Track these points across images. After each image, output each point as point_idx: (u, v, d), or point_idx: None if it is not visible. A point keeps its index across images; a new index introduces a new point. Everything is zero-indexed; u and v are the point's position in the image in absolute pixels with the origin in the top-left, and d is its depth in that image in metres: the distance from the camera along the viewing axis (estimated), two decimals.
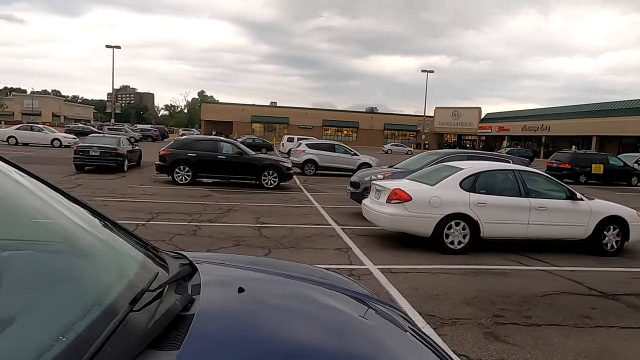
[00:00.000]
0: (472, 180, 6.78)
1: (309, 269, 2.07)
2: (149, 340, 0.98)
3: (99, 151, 15.75)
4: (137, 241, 1.65)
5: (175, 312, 1.13)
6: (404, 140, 73.78)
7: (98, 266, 1.40)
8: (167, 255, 1.78)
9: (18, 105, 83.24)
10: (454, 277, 5.44)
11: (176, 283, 1.42)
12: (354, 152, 20.21)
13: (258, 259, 2.19)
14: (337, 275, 2.10)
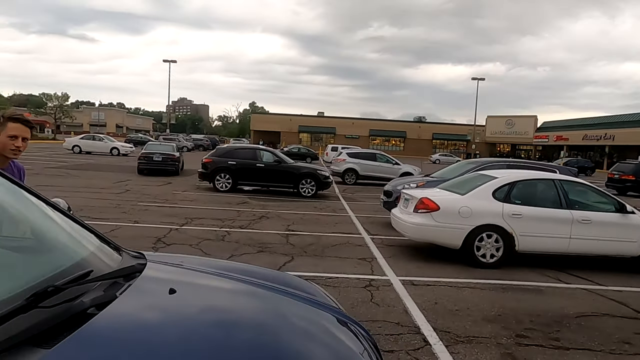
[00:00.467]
0: (507, 190, 6.39)
1: (277, 276, 2.00)
2: (28, 335, 0.96)
3: (161, 157, 18.04)
4: (94, 241, 1.66)
5: (75, 311, 1.10)
6: (453, 150, 71.64)
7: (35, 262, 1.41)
8: (127, 254, 1.78)
9: (87, 117, 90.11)
10: (479, 292, 5.11)
11: (111, 282, 1.40)
12: (396, 161, 19.85)
13: (226, 264, 2.14)
14: (308, 285, 2.01)
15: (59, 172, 17.79)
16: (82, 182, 14.52)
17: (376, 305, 4.50)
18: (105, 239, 1.78)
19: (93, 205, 9.92)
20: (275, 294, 1.59)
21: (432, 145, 73.57)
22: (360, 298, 4.68)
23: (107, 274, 1.40)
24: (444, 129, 76.92)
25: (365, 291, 4.93)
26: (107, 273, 1.42)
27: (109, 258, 1.58)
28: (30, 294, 1.08)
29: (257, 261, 5.96)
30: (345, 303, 4.45)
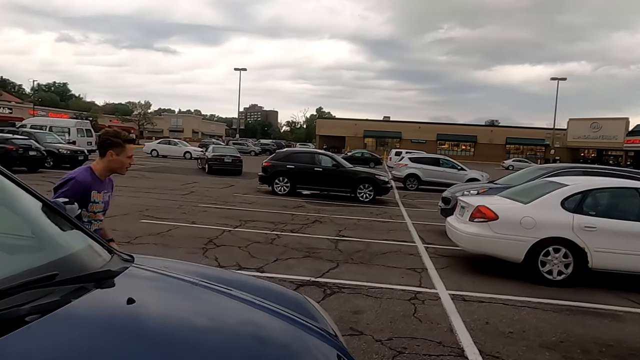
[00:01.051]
0: (579, 199, 5.68)
1: (260, 287, 1.83)
2: None
3: (231, 159, 20.87)
4: (79, 243, 1.61)
5: (9, 317, 1.02)
6: (530, 155, 66.96)
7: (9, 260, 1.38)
8: (119, 257, 1.72)
9: (166, 123, 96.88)
10: (541, 314, 4.55)
11: (77, 287, 1.32)
12: (461, 166, 18.88)
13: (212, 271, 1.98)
14: (297, 299, 1.81)
15: (136, 174, 19.15)
16: (154, 184, 15.48)
17: (418, 320, 4.17)
18: (98, 241, 1.73)
19: (158, 206, 10.47)
20: (248, 307, 1.43)
21: (506, 150, 69.39)
22: (402, 311, 4.37)
23: (72, 279, 1.32)
24: (519, 133, 72.12)
25: (409, 304, 4.60)
26: (75, 277, 1.35)
27: (89, 261, 1.52)
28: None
29: (301, 266, 5.86)
30: (384, 316, 4.18)
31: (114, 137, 2.70)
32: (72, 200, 2.40)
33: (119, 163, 2.70)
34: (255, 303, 1.49)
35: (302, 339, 1.38)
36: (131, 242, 6.67)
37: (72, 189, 2.52)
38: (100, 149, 2.72)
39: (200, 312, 1.37)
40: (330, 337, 1.55)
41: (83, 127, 26.46)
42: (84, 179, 2.58)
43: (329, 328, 1.63)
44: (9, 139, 16.51)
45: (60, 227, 1.63)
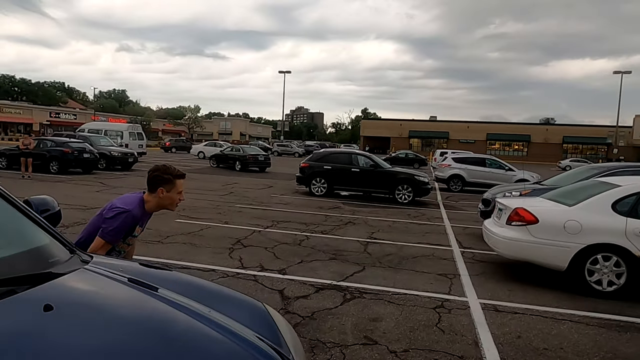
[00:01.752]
0: (633, 202, 5.07)
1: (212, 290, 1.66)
2: None
3: (263, 157, 23.98)
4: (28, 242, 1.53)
5: None
6: (591, 155, 62.61)
7: None
8: (78, 257, 1.62)
9: (216, 126, 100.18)
10: (584, 329, 4.07)
11: (6, 289, 1.23)
12: (509, 167, 17.87)
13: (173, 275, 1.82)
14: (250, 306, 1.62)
15: None
16: (197, 184, 15.88)
17: (441, 331, 3.85)
18: (60, 241, 1.65)
19: (196, 206, 10.68)
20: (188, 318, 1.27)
21: (563, 149, 65.37)
22: (424, 321, 4.07)
23: (11, 278, 1.23)
24: (578, 131, 67.62)
25: (434, 313, 4.29)
26: (13, 276, 1.25)
27: (32, 263, 1.43)
28: None
29: (324, 269, 5.68)
30: (404, 324, 3.91)
31: (164, 173, 2.56)
32: (123, 235, 2.38)
33: (169, 200, 2.58)
34: (205, 317, 1.33)
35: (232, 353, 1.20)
36: (162, 241, 6.78)
37: (126, 223, 2.40)
38: (150, 185, 2.59)
39: (123, 323, 1.23)
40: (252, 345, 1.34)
41: (135, 130, 27.83)
42: (137, 214, 2.47)
43: (283, 347, 1.42)
44: (66, 142, 17.59)
45: (14, 226, 1.56)
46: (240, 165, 23.16)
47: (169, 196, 2.57)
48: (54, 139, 18.93)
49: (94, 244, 2.31)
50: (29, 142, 15.81)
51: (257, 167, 23.29)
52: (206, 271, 5.34)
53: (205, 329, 1.25)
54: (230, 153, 24.81)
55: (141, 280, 1.50)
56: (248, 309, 1.57)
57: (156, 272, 1.78)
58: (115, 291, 1.39)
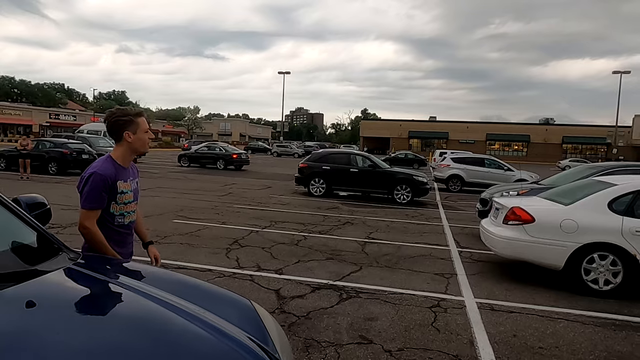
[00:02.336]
0: (629, 200, 5.07)
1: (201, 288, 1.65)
2: None
3: (245, 156, 26.21)
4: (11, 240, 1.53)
5: None
6: (590, 155, 62.64)
7: None
8: (65, 256, 1.62)
9: (215, 127, 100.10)
10: (580, 328, 4.07)
11: None
12: (508, 167, 17.87)
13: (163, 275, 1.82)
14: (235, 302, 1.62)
15: (180, 176, 19.82)
16: (195, 185, 15.89)
17: (436, 330, 3.85)
18: (47, 238, 1.65)
19: (194, 206, 10.67)
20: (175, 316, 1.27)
21: (563, 149, 65.40)
22: (420, 320, 4.06)
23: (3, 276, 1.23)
24: (577, 131, 67.64)
25: (429, 312, 4.28)
26: (5, 273, 1.25)
27: (20, 260, 1.42)
28: None
29: (320, 269, 5.67)
30: (399, 324, 3.91)
31: (122, 116, 2.37)
32: (102, 197, 2.22)
33: (139, 141, 2.39)
34: (193, 315, 1.33)
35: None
36: (159, 241, 6.77)
37: (96, 183, 2.21)
38: (113, 134, 2.40)
39: (108, 320, 1.22)
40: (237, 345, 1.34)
41: None
42: (106, 170, 2.27)
43: (270, 345, 1.42)
44: (65, 144, 17.60)
45: (1, 223, 1.56)
46: (223, 164, 24.48)
47: (137, 138, 2.37)
48: (53, 140, 18.94)
49: (81, 218, 2.20)
50: (27, 143, 15.83)
51: (233, 166, 24.84)
52: (202, 271, 5.34)
53: (194, 328, 1.25)
54: (207, 152, 25.63)
55: (128, 277, 1.49)
56: (236, 306, 1.56)
57: (144, 269, 1.77)
58: (100, 289, 1.39)
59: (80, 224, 2.17)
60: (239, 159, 25.10)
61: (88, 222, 2.16)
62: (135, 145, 2.37)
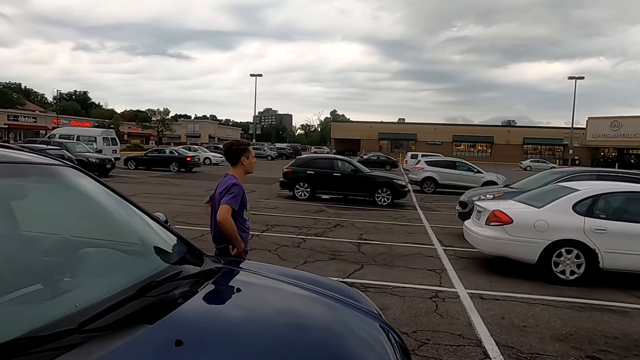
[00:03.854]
0: (590, 203, 6.03)
1: (326, 282, 2.31)
2: (138, 315, 1.40)
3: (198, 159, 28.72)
4: (184, 248, 2.13)
5: (168, 300, 1.53)
6: (548, 155, 66.26)
7: (143, 263, 1.90)
8: (209, 259, 2.23)
9: (183, 129, 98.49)
10: (553, 310, 4.94)
11: (195, 280, 1.84)
12: (478, 169, 19.11)
13: (289, 271, 2.48)
14: (354, 292, 2.30)
15: (161, 180, 19.95)
16: (180, 190, 16.16)
17: (439, 316, 4.61)
18: (193, 247, 2.25)
19: (187, 212, 11.08)
20: (331, 300, 1.92)
21: (523, 150, 68.78)
22: (424, 308, 4.81)
23: (192, 275, 1.83)
24: (537, 132, 71.44)
25: (431, 302, 5.04)
26: (192, 274, 1.86)
27: (195, 262, 2.03)
28: (140, 287, 1.53)
29: (328, 268, 6.34)
30: (408, 312, 4.63)
31: (240, 145, 3.20)
32: (238, 201, 3.05)
33: (250, 164, 3.21)
34: (329, 294, 2.00)
35: (351, 313, 1.88)
36: None
37: (240, 190, 3.06)
38: (233, 158, 3.19)
39: (293, 301, 1.88)
40: (373, 314, 2.04)
41: (109, 135, 27.48)
42: (241, 183, 3.11)
43: (372, 309, 2.12)
44: (44, 150, 17.43)
45: (169, 235, 2.15)
46: (177, 166, 25.32)
47: (250, 162, 3.19)
48: (30, 145, 18.65)
49: (221, 210, 2.98)
50: None
51: (184, 169, 25.44)
52: None
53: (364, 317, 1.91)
54: (158, 156, 26.40)
55: (278, 275, 2.11)
56: (356, 294, 2.23)
57: (280, 269, 2.38)
58: (260, 281, 2.01)
59: (223, 216, 2.96)
60: (192, 161, 26.14)
61: (229, 216, 2.98)
62: (248, 168, 3.24)
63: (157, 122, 67.14)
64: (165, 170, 25.16)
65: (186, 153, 27.26)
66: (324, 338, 1.65)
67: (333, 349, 1.57)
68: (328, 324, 1.78)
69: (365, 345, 1.74)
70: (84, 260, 1.78)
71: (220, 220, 2.97)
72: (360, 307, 2.05)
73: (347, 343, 1.67)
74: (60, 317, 1.26)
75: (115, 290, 1.50)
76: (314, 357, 1.49)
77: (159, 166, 25.55)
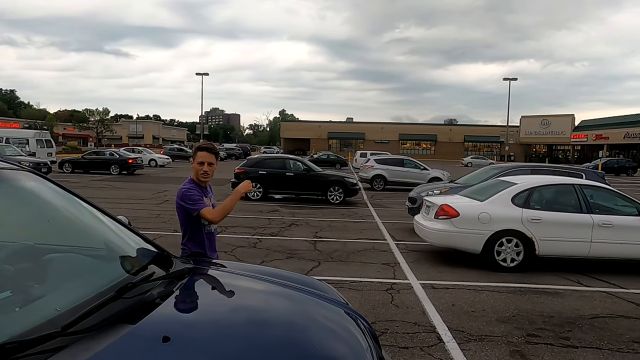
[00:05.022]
0: (526, 196, 6.56)
1: (294, 276, 2.41)
2: (119, 316, 1.41)
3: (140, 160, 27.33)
4: (152, 249, 2.13)
5: (147, 300, 1.56)
6: (487, 152, 70.26)
7: (112, 266, 1.90)
8: (178, 260, 2.24)
9: (125, 130, 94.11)
10: (497, 295, 5.34)
11: (169, 281, 1.86)
12: (424, 166, 19.95)
13: (257, 267, 2.56)
14: (320, 283, 2.41)
15: (104, 184, 18.99)
16: (125, 194, 15.50)
17: (396, 306, 4.84)
18: (161, 248, 2.25)
19: (137, 216, 10.67)
20: (300, 293, 2.01)
21: (464, 147, 72.42)
22: (381, 300, 5.03)
23: (165, 275, 1.86)
24: (476, 131, 75.58)
25: (387, 294, 5.27)
26: (165, 275, 1.88)
27: (165, 263, 2.04)
28: (117, 288, 1.54)
29: (286, 266, 6.41)
30: (366, 305, 4.82)
31: (195, 146, 3.11)
32: (198, 199, 2.94)
33: (194, 169, 3.04)
34: (297, 287, 2.09)
35: (316, 302, 1.99)
36: None
37: (191, 192, 2.94)
38: None
39: (262, 296, 1.94)
40: (341, 303, 2.16)
41: (43, 137, 25.74)
42: (190, 187, 2.97)
43: (339, 298, 2.24)
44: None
45: (136, 238, 2.14)
46: (118, 169, 24.23)
47: (194, 166, 3.04)
48: None
49: (204, 215, 2.94)
50: None
51: (126, 171, 24.46)
52: None
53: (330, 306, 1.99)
54: (97, 158, 25.08)
55: (248, 272, 2.16)
56: (322, 285, 2.32)
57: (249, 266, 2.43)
58: (238, 279, 2.06)
59: (210, 217, 2.94)
60: (135, 163, 25.17)
61: (210, 214, 2.92)
62: (194, 172, 3.08)
63: (96, 123, 63.52)
64: (106, 173, 24.00)
65: (128, 155, 26.30)
66: (288, 331, 1.69)
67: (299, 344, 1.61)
68: (294, 317, 1.85)
69: (333, 334, 1.83)
70: (51, 266, 1.75)
71: (215, 220, 2.99)
72: (328, 297, 2.17)
73: (314, 334, 1.73)
74: (42, 322, 1.26)
75: (91, 293, 1.50)
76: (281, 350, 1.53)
77: (99, 169, 24.33)
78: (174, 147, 52.81)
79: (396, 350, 3.74)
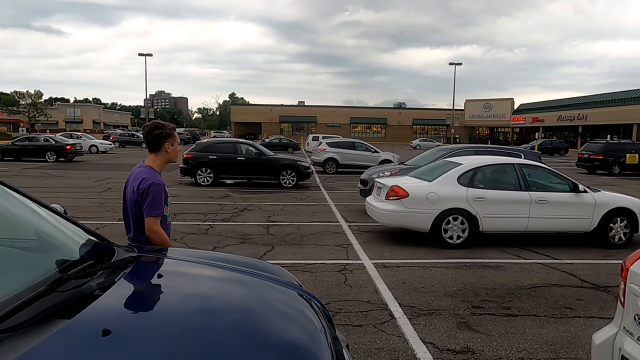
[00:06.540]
0: (470, 176, 6.86)
1: (246, 261, 2.36)
2: (52, 310, 1.30)
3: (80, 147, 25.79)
4: (91, 238, 1.99)
5: (85, 292, 1.45)
6: (434, 135, 72.73)
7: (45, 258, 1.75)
8: (120, 249, 2.11)
9: (62, 114, 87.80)
10: (445, 271, 5.58)
11: (110, 271, 1.74)
12: (375, 149, 20.32)
13: (207, 253, 2.49)
14: (272, 267, 2.38)
15: (39, 172, 17.72)
16: (64, 182, 14.55)
17: (349, 286, 4.92)
18: (101, 237, 2.11)
19: (77, 205, 10.07)
20: (252, 278, 1.96)
21: (413, 130, 74.44)
22: (335, 281, 5.09)
23: (106, 265, 1.74)
24: (424, 114, 77.87)
25: (340, 275, 5.35)
26: (105, 265, 1.76)
27: (106, 252, 1.92)
28: (50, 281, 1.42)
29: (239, 252, 6.31)
30: (320, 286, 4.86)
31: (164, 129, 2.71)
32: (162, 203, 2.64)
33: (175, 152, 2.77)
34: (249, 272, 2.03)
35: (269, 286, 1.97)
36: None
37: (161, 193, 2.61)
38: (154, 144, 2.72)
39: (212, 283, 1.87)
40: (294, 286, 2.14)
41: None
42: (160, 179, 2.66)
43: (292, 280, 2.23)
44: None
45: (72, 227, 1.99)
46: (54, 156, 22.90)
47: (174, 149, 2.77)
48: None
49: (148, 224, 2.57)
50: None
51: (64, 158, 23.33)
52: None
53: (269, 282, 1.94)
54: (30, 144, 23.51)
55: (196, 258, 2.07)
56: (274, 269, 2.28)
57: (198, 252, 2.33)
58: (186, 266, 1.96)
59: (151, 230, 2.59)
60: (73, 150, 23.77)
61: (157, 226, 2.60)
62: (171, 156, 2.79)
63: (28, 107, 58.76)
64: (41, 160, 22.41)
65: (65, 141, 24.62)
66: (240, 318, 1.64)
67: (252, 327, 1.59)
68: (246, 303, 1.80)
69: (287, 317, 1.82)
70: None
71: (150, 235, 2.63)
72: (281, 281, 2.14)
73: (267, 318, 1.71)
74: None
75: (20, 288, 1.37)
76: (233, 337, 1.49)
77: (32, 156, 22.69)
78: (124, 133, 49.46)
79: (350, 328, 3.81)
